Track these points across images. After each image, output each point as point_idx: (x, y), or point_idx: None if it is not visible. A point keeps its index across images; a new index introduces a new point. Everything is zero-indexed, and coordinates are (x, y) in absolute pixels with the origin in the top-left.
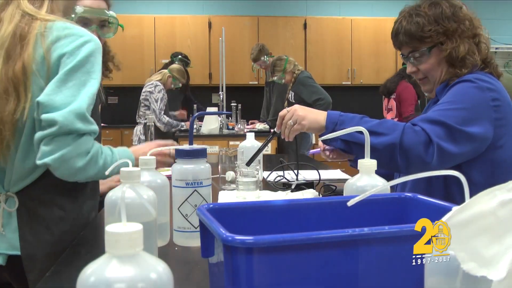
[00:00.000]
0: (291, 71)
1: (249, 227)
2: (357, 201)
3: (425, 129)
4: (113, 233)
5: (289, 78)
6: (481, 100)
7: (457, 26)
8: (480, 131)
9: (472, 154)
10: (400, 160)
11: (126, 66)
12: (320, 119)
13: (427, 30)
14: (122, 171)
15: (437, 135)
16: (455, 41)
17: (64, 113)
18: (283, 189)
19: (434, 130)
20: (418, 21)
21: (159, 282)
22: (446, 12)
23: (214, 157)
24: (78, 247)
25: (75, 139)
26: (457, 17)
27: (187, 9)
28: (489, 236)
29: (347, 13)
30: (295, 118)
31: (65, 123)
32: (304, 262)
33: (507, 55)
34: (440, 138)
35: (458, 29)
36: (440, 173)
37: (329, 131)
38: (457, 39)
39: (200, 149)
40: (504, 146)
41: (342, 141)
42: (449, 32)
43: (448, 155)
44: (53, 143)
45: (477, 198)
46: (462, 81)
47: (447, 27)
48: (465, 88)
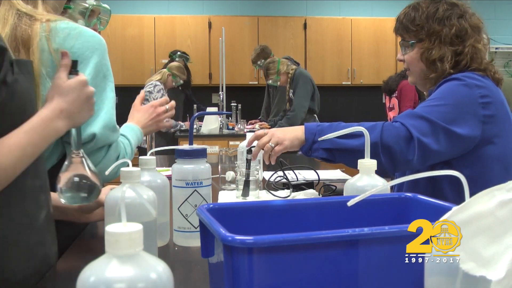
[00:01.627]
0: (285, 72)
1: (249, 227)
2: (357, 201)
3: (405, 124)
4: (113, 233)
5: (284, 79)
6: (468, 98)
7: (440, 30)
8: (465, 132)
9: (457, 152)
10: (384, 158)
11: (126, 66)
12: (299, 134)
13: (416, 24)
14: (122, 171)
15: (418, 130)
16: (432, 43)
17: (100, 128)
18: (283, 189)
19: (415, 125)
20: (411, 14)
21: (159, 282)
22: (439, 13)
23: (214, 157)
24: (78, 247)
25: (107, 150)
26: (448, 21)
27: (187, 9)
28: (488, 236)
29: (347, 13)
30: (274, 140)
31: (102, 138)
32: (304, 262)
33: (507, 55)
34: (422, 134)
35: (440, 33)
36: (440, 173)
37: (309, 143)
38: (434, 42)
39: (200, 149)
40: (495, 142)
41: (324, 150)
42: (429, 33)
43: (430, 151)
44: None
45: (476, 198)
46: (451, 79)
47: (431, 27)
48: (453, 85)
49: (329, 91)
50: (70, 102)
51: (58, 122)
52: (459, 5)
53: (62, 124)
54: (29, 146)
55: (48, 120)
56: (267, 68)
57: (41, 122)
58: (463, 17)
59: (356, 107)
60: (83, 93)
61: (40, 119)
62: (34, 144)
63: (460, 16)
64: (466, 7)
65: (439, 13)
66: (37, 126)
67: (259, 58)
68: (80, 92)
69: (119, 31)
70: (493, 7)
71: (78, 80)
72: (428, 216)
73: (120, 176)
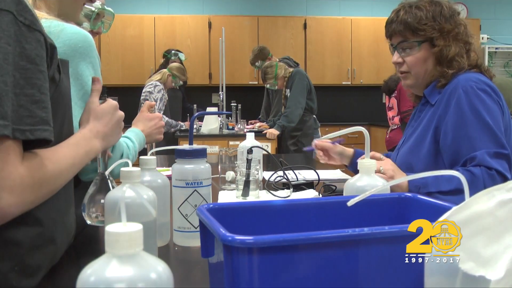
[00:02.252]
0: (283, 76)
1: (249, 227)
2: (357, 201)
3: (499, 169)
4: (113, 233)
5: (282, 83)
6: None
7: (453, 28)
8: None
9: None
10: None
11: (126, 66)
12: (403, 185)
13: (423, 24)
14: (122, 171)
15: (506, 169)
16: (448, 41)
17: None
18: (283, 189)
19: (504, 166)
20: (416, 13)
21: (159, 282)
22: (445, 12)
23: (214, 157)
24: (78, 247)
25: (111, 150)
26: (454, 20)
27: (187, 9)
28: (487, 236)
29: (347, 13)
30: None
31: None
32: (304, 262)
33: (507, 55)
34: (507, 171)
35: (453, 31)
36: (440, 173)
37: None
38: (450, 39)
39: (200, 149)
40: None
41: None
42: (444, 31)
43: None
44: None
45: (476, 198)
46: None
47: (443, 25)
48: (483, 101)
49: (329, 91)
50: (104, 124)
51: (96, 141)
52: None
53: (98, 144)
54: (76, 158)
55: (88, 138)
56: (265, 72)
57: (83, 138)
58: (459, 15)
59: (356, 107)
60: (115, 116)
61: (82, 136)
62: (79, 157)
63: (458, 14)
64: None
65: (445, 12)
66: (81, 142)
67: (257, 59)
68: (112, 116)
69: (119, 31)
70: (493, 7)
71: (110, 105)
72: (428, 216)
73: (120, 176)
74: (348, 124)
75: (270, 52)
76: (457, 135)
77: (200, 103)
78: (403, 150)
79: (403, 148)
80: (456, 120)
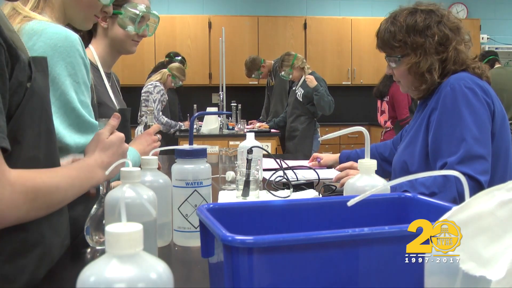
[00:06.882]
0: (299, 67)
1: (249, 227)
2: (357, 201)
3: (472, 175)
4: (113, 233)
5: (297, 75)
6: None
7: (424, 41)
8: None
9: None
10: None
11: (126, 66)
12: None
13: (398, 40)
14: (122, 171)
15: (479, 172)
16: (418, 56)
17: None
18: (283, 189)
19: (477, 169)
20: (391, 30)
21: (159, 282)
22: (418, 25)
23: (214, 157)
24: (78, 247)
25: None
26: (428, 30)
27: (187, 9)
28: (488, 236)
29: (347, 13)
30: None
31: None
32: (304, 262)
33: (507, 55)
34: (483, 173)
35: (424, 44)
36: (440, 173)
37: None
38: (420, 55)
39: (200, 149)
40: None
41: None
42: (414, 47)
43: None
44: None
45: (476, 198)
46: (452, 87)
47: (414, 40)
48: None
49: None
50: (109, 156)
51: (98, 171)
52: (434, 11)
53: (101, 174)
54: (76, 180)
55: (91, 167)
56: (283, 59)
57: (86, 166)
58: (442, 23)
59: (356, 107)
60: (121, 148)
61: (85, 164)
62: (80, 180)
63: (439, 22)
64: (441, 10)
65: (418, 25)
66: (83, 168)
67: (252, 70)
68: (118, 148)
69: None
70: (493, 7)
71: (117, 137)
72: (428, 216)
73: (120, 176)
74: (348, 124)
75: (262, 59)
76: (438, 133)
77: (200, 103)
78: (399, 148)
79: (400, 147)
80: (439, 119)
